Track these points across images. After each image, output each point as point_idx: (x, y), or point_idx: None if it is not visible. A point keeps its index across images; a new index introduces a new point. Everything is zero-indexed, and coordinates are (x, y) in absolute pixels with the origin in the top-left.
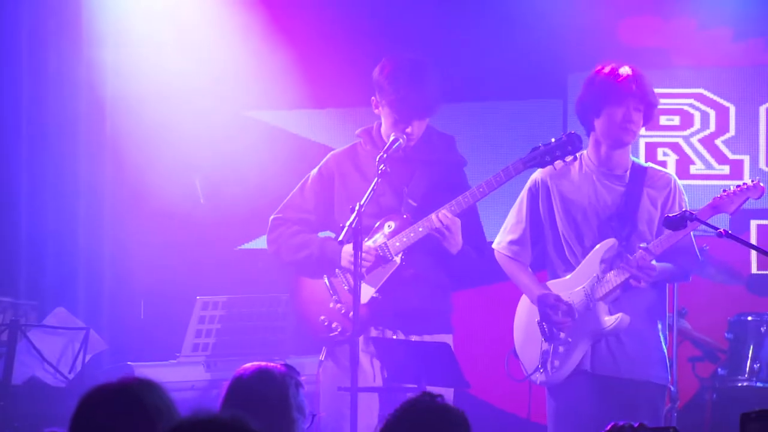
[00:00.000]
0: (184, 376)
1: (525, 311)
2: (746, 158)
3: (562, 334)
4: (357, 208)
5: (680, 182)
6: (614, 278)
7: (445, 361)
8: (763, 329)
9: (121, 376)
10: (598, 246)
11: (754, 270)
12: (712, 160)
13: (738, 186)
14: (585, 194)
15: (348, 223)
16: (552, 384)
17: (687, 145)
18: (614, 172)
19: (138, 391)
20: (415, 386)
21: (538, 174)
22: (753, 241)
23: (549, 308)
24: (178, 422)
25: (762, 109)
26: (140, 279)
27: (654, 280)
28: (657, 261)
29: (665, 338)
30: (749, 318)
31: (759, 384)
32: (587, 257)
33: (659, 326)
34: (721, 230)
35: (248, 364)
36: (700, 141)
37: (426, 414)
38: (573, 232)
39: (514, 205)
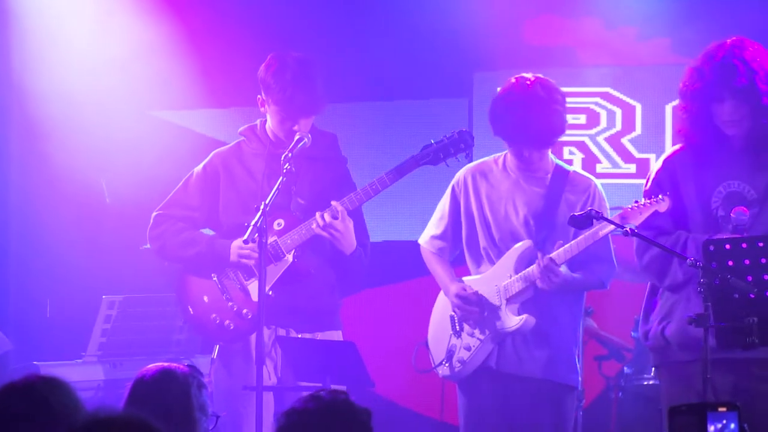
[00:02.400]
0: (90, 376)
1: (441, 305)
2: (652, 157)
3: (470, 330)
4: (262, 206)
5: (601, 188)
6: (525, 279)
7: (349, 359)
8: None
9: (25, 375)
10: (514, 247)
11: None
12: (618, 159)
13: (648, 198)
14: (504, 195)
15: (253, 222)
16: (456, 379)
17: (593, 143)
18: (535, 175)
19: (42, 390)
20: (320, 385)
21: (462, 172)
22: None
23: (460, 299)
24: (83, 421)
25: (668, 108)
26: (46, 278)
27: (558, 286)
28: (574, 269)
29: (577, 341)
30: None
31: None
32: (503, 257)
33: (570, 329)
34: (628, 229)
35: (151, 365)
36: (607, 140)
37: (328, 411)
38: (489, 232)
39: (440, 201)
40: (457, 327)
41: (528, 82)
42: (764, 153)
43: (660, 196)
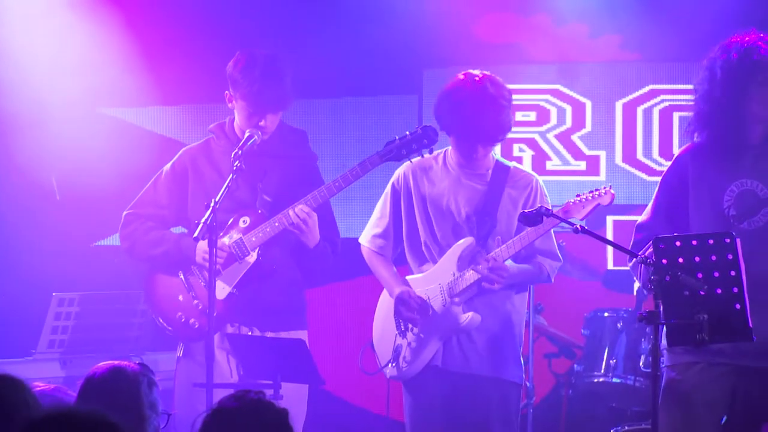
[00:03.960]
0: (40, 373)
1: (385, 306)
2: (602, 154)
3: (414, 330)
4: (212, 204)
5: (543, 183)
6: (469, 277)
7: (300, 357)
8: (619, 325)
9: None
10: (456, 244)
11: (610, 266)
12: (568, 156)
13: (591, 192)
14: (445, 192)
15: (203, 220)
16: (403, 378)
17: (543, 140)
18: (476, 171)
19: None
20: (271, 382)
21: (402, 168)
22: (609, 236)
23: (403, 304)
24: (38, 416)
25: (618, 105)
26: None
27: (507, 281)
28: (519, 262)
29: (521, 338)
30: (605, 314)
31: (615, 380)
32: (446, 254)
33: (515, 326)
34: (578, 226)
35: (102, 363)
36: (557, 137)
37: (249, 411)
38: (430, 229)
39: (380, 199)
40: (402, 327)
41: (477, 78)
42: None
43: (603, 189)
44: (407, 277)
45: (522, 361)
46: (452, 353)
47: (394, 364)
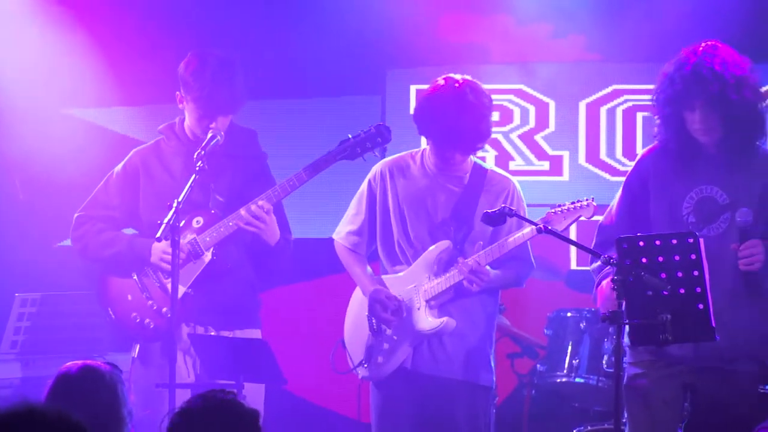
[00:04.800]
0: (5, 374)
1: (357, 304)
2: (566, 154)
3: (388, 331)
4: (175, 204)
5: (520, 187)
6: (446, 281)
7: (262, 357)
8: (582, 325)
9: None
10: (432, 247)
11: (573, 266)
12: (531, 156)
13: (572, 203)
14: (422, 193)
15: (166, 220)
16: (374, 379)
17: (506, 140)
18: (454, 174)
19: None
20: (233, 382)
21: (378, 166)
22: (572, 237)
23: (378, 303)
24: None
25: (581, 105)
26: None
27: (487, 285)
28: (493, 267)
29: (492, 342)
30: (568, 314)
31: (578, 379)
32: (422, 257)
33: (486, 330)
34: (541, 226)
35: (72, 362)
36: (520, 137)
37: (216, 410)
38: (404, 230)
39: (355, 196)
40: (376, 327)
41: (457, 85)
42: (737, 158)
43: (585, 201)
44: (382, 277)
45: (493, 365)
46: (422, 356)
47: (366, 365)
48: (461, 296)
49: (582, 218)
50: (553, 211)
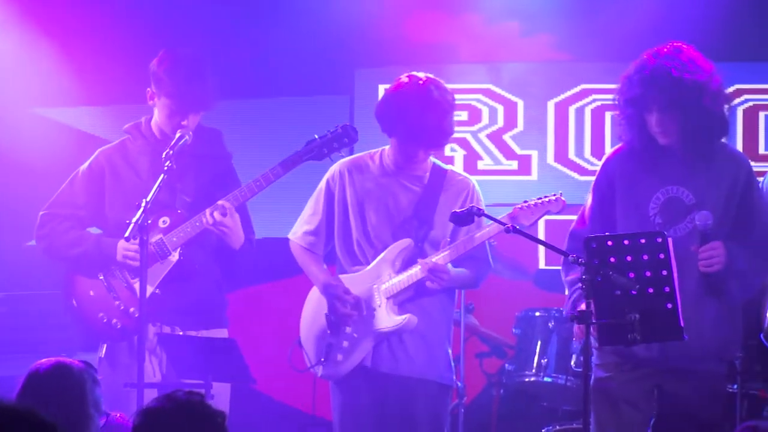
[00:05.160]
0: None
1: (314, 303)
2: (534, 153)
3: (347, 329)
4: (143, 204)
5: (478, 187)
6: (408, 278)
7: (231, 356)
8: (550, 325)
9: None
10: (392, 245)
11: (541, 265)
12: (500, 156)
13: (539, 198)
14: (382, 192)
15: (134, 219)
16: (333, 377)
17: (475, 140)
18: (414, 173)
19: None
20: (201, 382)
21: (337, 166)
22: (541, 236)
23: (337, 299)
24: None
25: (550, 104)
26: None
27: (447, 283)
28: (453, 266)
29: (450, 339)
30: (537, 314)
31: (546, 379)
32: (381, 255)
33: (445, 327)
34: (509, 225)
35: (45, 359)
36: (488, 136)
37: (183, 411)
38: (364, 229)
39: (312, 196)
40: (334, 326)
41: (421, 82)
42: (702, 158)
43: (553, 196)
44: (340, 276)
45: (452, 363)
46: (381, 354)
47: (325, 363)
48: (420, 295)
49: (551, 213)
50: (519, 206)
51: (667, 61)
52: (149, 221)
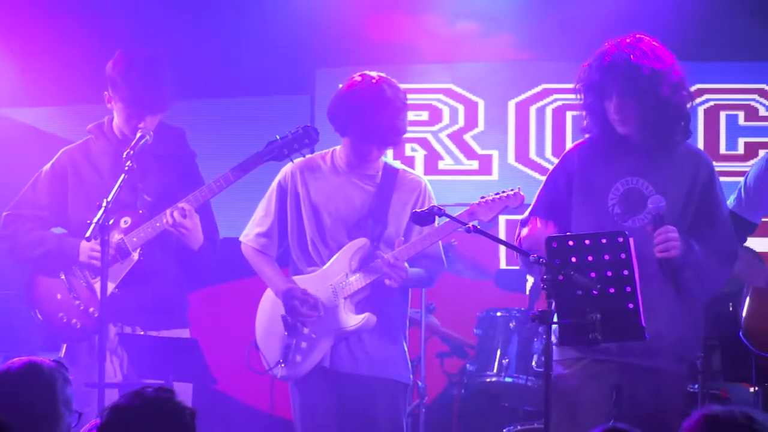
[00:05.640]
0: None
1: (269, 305)
2: (495, 153)
3: (305, 329)
4: (104, 204)
5: (430, 186)
6: (364, 278)
7: (192, 356)
8: (511, 325)
9: None
10: (348, 245)
11: (502, 265)
12: (460, 156)
13: (497, 194)
14: (336, 193)
15: (95, 220)
16: (292, 378)
17: (435, 140)
18: (366, 173)
19: None
20: (162, 382)
21: (288, 167)
22: (502, 236)
23: (295, 300)
24: None
25: (511, 104)
26: None
27: (405, 281)
28: (408, 265)
29: (406, 338)
30: (498, 314)
31: (507, 379)
32: (337, 255)
33: (401, 326)
34: (470, 225)
35: (17, 358)
36: (449, 136)
37: (151, 408)
38: (319, 230)
39: (263, 198)
40: (291, 326)
41: (374, 81)
42: (659, 149)
43: (511, 191)
44: (294, 277)
45: (409, 361)
46: (340, 354)
47: (283, 364)
48: (377, 294)
49: (510, 208)
50: (477, 202)
51: (627, 48)
52: (111, 221)
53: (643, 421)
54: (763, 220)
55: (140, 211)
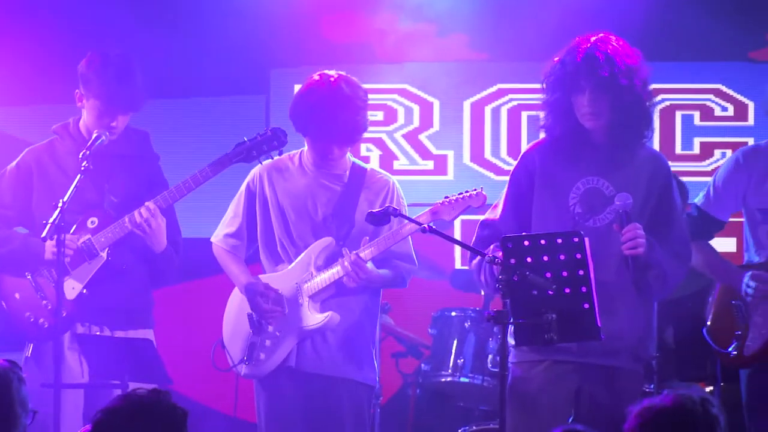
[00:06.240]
0: None
1: (236, 303)
2: (450, 153)
3: (270, 327)
4: (60, 204)
5: (399, 186)
6: (329, 277)
7: (147, 357)
8: (466, 324)
9: None
10: (314, 244)
11: (457, 265)
12: (416, 156)
13: (460, 194)
14: (302, 192)
15: (51, 220)
16: (257, 377)
17: (390, 140)
18: (333, 172)
19: None
20: (119, 383)
21: (257, 169)
22: (457, 236)
23: (259, 295)
24: None
25: (466, 104)
26: None
27: (367, 281)
28: (377, 266)
29: (374, 339)
30: (453, 313)
31: (463, 379)
32: (303, 254)
33: (369, 327)
34: (425, 225)
35: None
36: (404, 136)
37: (144, 409)
38: (287, 230)
39: (233, 199)
40: (257, 324)
41: (332, 79)
42: (623, 148)
43: (473, 191)
44: (261, 276)
45: (376, 363)
46: (305, 354)
47: (248, 363)
48: (344, 293)
49: (471, 208)
50: (441, 202)
51: (600, 43)
52: (77, 222)
53: (601, 421)
54: (731, 219)
55: (108, 212)
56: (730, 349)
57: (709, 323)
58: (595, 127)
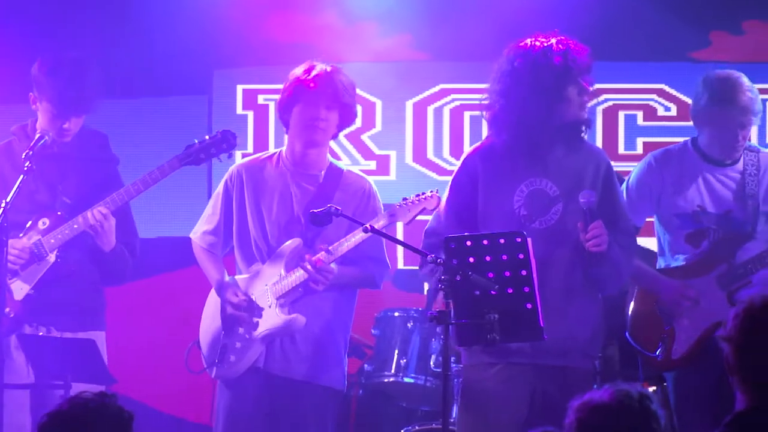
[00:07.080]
0: None
1: (213, 303)
2: (393, 153)
3: (240, 329)
4: (3, 205)
5: (376, 188)
6: (295, 279)
7: (89, 357)
8: (409, 325)
9: None
10: (284, 245)
11: (400, 266)
12: (358, 156)
13: (417, 196)
14: (277, 192)
15: None
16: (226, 378)
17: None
18: (308, 172)
19: None
20: (62, 383)
21: (235, 167)
22: (399, 236)
23: (227, 302)
24: None
25: (408, 105)
26: None
27: (333, 283)
28: (348, 266)
29: (346, 343)
30: (396, 314)
31: (406, 379)
32: (274, 255)
33: (339, 330)
34: (367, 225)
35: None
36: (347, 136)
37: (91, 412)
38: (261, 229)
39: (212, 196)
40: (229, 326)
41: (328, 69)
42: (567, 149)
43: (429, 193)
44: (236, 277)
45: (345, 367)
46: (274, 356)
47: (219, 364)
48: (314, 296)
49: (427, 210)
50: (398, 204)
51: (571, 42)
52: (29, 222)
53: (555, 420)
54: (648, 220)
55: (59, 213)
56: (657, 352)
57: (630, 327)
58: (551, 130)
